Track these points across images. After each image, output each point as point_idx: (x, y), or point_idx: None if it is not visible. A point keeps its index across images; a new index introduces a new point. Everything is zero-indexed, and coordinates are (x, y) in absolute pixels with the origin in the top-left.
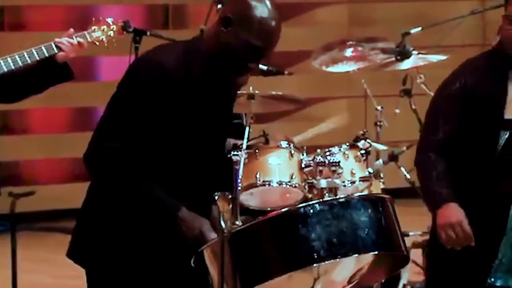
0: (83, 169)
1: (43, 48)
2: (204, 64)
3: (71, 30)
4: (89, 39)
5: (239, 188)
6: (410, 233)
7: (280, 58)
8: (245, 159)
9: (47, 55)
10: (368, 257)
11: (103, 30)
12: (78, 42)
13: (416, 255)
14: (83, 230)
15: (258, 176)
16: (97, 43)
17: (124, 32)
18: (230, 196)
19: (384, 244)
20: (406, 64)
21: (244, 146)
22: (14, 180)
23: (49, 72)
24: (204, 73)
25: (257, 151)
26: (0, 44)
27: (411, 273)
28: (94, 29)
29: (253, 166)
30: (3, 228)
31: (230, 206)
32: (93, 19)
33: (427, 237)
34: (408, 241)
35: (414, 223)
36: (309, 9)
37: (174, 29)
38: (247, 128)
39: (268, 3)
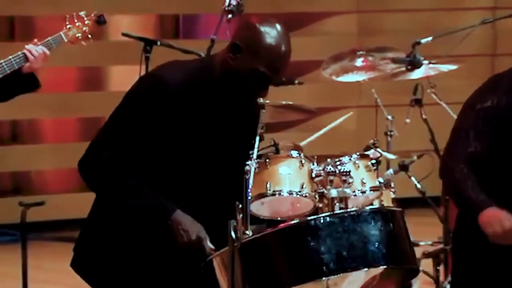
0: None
1: (12, 60)
2: (210, 86)
3: (35, 40)
4: (65, 40)
5: (249, 197)
6: (421, 243)
7: (290, 68)
8: (255, 169)
9: (16, 67)
10: (378, 269)
11: (78, 27)
12: (43, 50)
13: (427, 265)
14: (87, 243)
15: (268, 185)
16: (74, 43)
17: (99, 26)
18: (240, 206)
19: (394, 258)
20: (416, 74)
21: (254, 155)
22: (24, 190)
23: (15, 83)
24: (208, 95)
25: (267, 160)
26: (10, 54)
27: (421, 283)
28: (69, 27)
29: (263, 176)
30: (14, 237)
31: (241, 215)
32: (67, 16)
33: (437, 246)
34: (419, 251)
35: (424, 233)
36: (319, 19)
37: (184, 39)
38: (257, 138)
39: (278, 29)
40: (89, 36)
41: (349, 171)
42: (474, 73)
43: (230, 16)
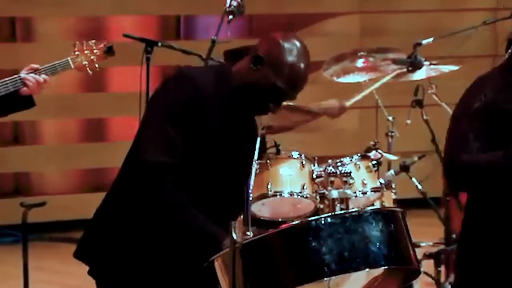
0: (94, 180)
1: (8, 83)
2: (230, 94)
3: (37, 65)
4: (72, 66)
5: (250, 198)
6: (422, 244)
7: None
8: (256, 170)
9: (11, 90)
10: (380, 270)
11: (86, 55)
12: (44, 79)
13: (428, 266)
14: (96, 234)
15: (269, 186)
16: (80, 70)
17: (107, 56)
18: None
19: (395, 258)
20: (418, 75)
21: (256, 156)
22: (26, 191)
23: (11, 103)
24: (230, 102)
25: (268, 161)
26: (12, 55)
27: (422, 284)
28: (78, 54)
29: (264, 177)
30: (15, 238)
31: (242, 216)
32: (76, 43)
33: (438, 247)
34: (420, 252)
35: (425, 234)
36: (321, 20)
37: (185, 40)
38: (258, 139)
39: (299, 47)
40: (96, 66)
41: (350, 172)
42: (475, 74)
43: (231, 17)
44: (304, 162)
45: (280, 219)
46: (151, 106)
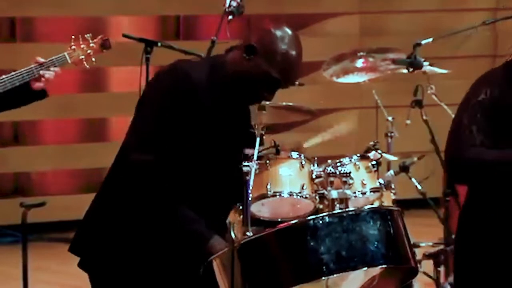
0: (93, 180)
1: (24, 73)
2: (224, 84)
3: (42, 59)
4: (69, 61)
5: (250, 198)
6: (421, 244)
7: None
8: (256, 170)
9: (26, 80)
10: (378, 269)
11: (83, 49)
12: (55, 72)
13: (427, 266)
14: (88, 232)
15: (269, 186)
16: (77, 65)
17: (104, 50)
18: (241, 207)
19: (393, 257)
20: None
21: (255, 156)
22: (25, 191)
23: (25, 95)
24: (223, 93)
25: (267, 161)
26: (12, 55)
27: (422, 284)
28: (74, 49)
29: (264, 177)
30: (15, 238)
31: (241, 216)
32: (72, 37)
33: (438, 247)
34: (419, 252)
35: (425, 234)
36: (321, 20)
37: (185, 40)
38: (257, 139)
39: (291, 34)
40: (93, 60)
41: (350, 172)
42: (474, 74)
43: (230, 17)
44: (303, 162)
45: (279, 219)
46: (144, 100)
